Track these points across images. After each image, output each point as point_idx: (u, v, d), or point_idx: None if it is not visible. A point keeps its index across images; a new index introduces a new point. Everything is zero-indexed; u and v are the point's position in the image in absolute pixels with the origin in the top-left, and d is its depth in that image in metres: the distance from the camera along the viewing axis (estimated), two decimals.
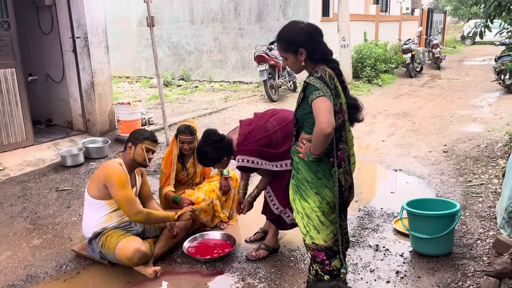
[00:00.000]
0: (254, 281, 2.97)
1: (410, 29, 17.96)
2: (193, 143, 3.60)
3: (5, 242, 3.57)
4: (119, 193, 3.00)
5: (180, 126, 3.64)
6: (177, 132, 3.63)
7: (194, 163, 3.78)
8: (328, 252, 2.33)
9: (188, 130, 3.58)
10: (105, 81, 6.23)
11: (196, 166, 3.80)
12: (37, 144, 5.75)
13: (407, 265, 3.09)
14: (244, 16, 11.37)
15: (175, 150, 3.66)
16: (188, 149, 3.61)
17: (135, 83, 12.79)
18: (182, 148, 3.62)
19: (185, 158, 3.76)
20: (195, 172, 3.81)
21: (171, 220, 3.21)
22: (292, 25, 2.21)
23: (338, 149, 2.16)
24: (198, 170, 3.83)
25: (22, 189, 4.61)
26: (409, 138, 6.43)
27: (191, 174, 3.79)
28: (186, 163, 3.76)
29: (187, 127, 3.59)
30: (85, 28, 5.88)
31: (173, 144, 3.68)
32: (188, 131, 3.58)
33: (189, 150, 3.63)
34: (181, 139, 3.59)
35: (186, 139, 3.57)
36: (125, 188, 3.02)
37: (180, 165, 3.73)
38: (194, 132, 3.61)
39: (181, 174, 3.75)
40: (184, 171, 3.75)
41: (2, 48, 5.24)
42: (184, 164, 3.75)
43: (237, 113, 8.00)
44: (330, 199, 2.24)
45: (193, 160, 3.77)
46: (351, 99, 2.27)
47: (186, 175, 3.77)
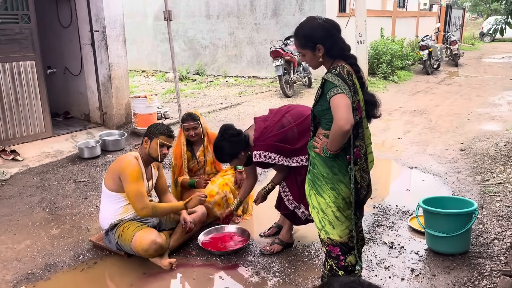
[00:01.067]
0: (268, 275, 2.99)
1: (428, 25, 17.69)
2: (198, 128, 3.75)
3: (24, 232, 3.65)
4: (130, 186, 3.03)
5: (183, 115, 3.81)
6: (181, 122, 3.79)
7: (204, 151, 3.86)
8: (343, 248, 2.33)
9: (190, 116, 3.74)
10: (122, 75, 6.29)
11: (206, 155, 3.87)
12: (55, 136, 5.85)
13: (422, 263, 3.07)
14: (260, 11, 11.35)
15: (183, 140, 3.80)
16: (194, 135, 3.73)
17: (150, 77, 12.89)
18: (188, 135, 3.74)
19: (194, 147, 3.86)
20: (206, 160, 3.88)
21: (179, 209, 3.23)
22: (310, 21, 2.20)
23: (354, 146, 2.16)
24: (209, 158, 3.89)
25: (41, 180, 4.69)
26: (425, 135, 6.36)
27: (202, 162, 3.87)
28: (195, 152, 3.85)
29: (189, 114, 3.76)
30: (103, 22, 5.94)
31: (180, 136, 3.83)
32: (191, 118, 3.73)
33: (196, 136, 3.75)
34: (185, 127, 3.73)
35: (190, 125, 3.71)
36: (136, 182, 3.05)
37: (190, 153, 3.83)
38: (196, 118, 3.75)
39: (192, 163, 3.84)
40: (194, 159, 3.85)
41: (22, 41, 5.33)
42: (193, 153, 3.85)
43: (251, 108, 8.01)
44: (346, 194, 2.24)
45: (202, 149, 3.86)
46: (368, 95, 2.26)
47: (197, 163, 3.86)
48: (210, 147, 3.83)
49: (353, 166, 2.15)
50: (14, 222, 3.80)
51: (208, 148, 3.85)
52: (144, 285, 2.92)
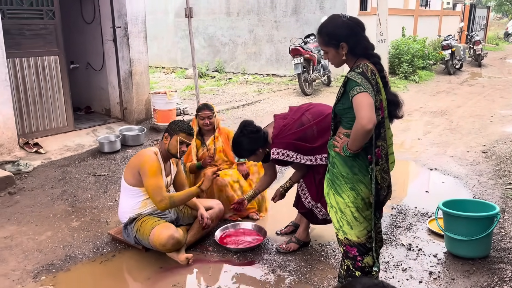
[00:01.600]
0: (284, 273, 2.99)
1: (451, 24, 17.37)
2: (212, 118, 3.90)
3: (46, 223, 3.73)
4: (149, 181, 3.06)
5: (199, 105, 3.98)
6: (197, 111, 3.94)
7: (214, 140, 3.94)
8: (361, 248, 2.31)
9: (206, 106, 3.92)
10: (142, 71, 6.36)
11: (216, 144, 3.94)
12: (76, 130, 5.95)
13: (441, 266, 3.03)
14: (280, 9, 11.32)
15: (195, 127, 3.91)
16: (208, 123, 3.88)
17: (170, 74, 12.99)
18: (203, 124, 3.88)
19: (205, 136, 3.98)
20: (215, 149, 3.93)
21: (195, 193, 3.20)
22: (334, 19, 2.19)
23: (376, 146, 2.13)
24: (218, 147, 3.94)
25: (62, 173, 4.78)
26: (446, 137, 6.26)
27: (211, 150, 3.94)
28: (205, 140, 3.96)
29: (205, 104, 3.96)
30: (125, 18, 6.02)
31: (193, 124, 3.95)
32: (206, 107, 3.90)
33: (210, 125, 3.89)
34: (201, 115, 3.88)
35: (206, 114, 3.87)
36: (155, 176, 3.08)
37: (200, 141, 3.94)
38: (211, 108, 3.93)
39: (201, 150, 3.92)
40: (204, 147, 3.92)
41: (47, 36, 5.43)
42: (203, 141, 3.95)
43: (270, 106, 8.00)
44: (365, 195, 2.23)
45: (213, 138, 3.95)
46: (391, 95, 2.23)
47: (207, 151, 3.92)
48: (221, 137, 3.97)
49: (374, 166, 2.13)
50: (36, 214, 3.89)
51: (218, 138, 3.96)
52: (161, 279, 2.95)
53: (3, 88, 4.76)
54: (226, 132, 4.01)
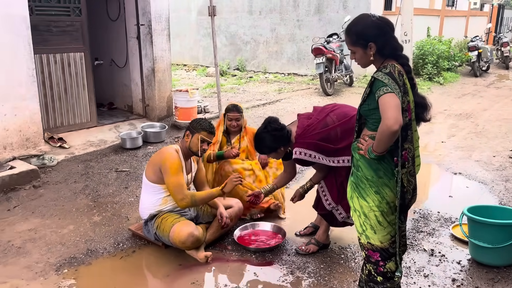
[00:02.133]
0: (303, 275, 2.96)
1: (478, 25, 16.96)
2: (240, 120, 3.90)
3: (68, 217, 3.79)
4: (170, 179, 3.08)
5: (228, 105, 3.94)
6: (225, 111, 3.91)
7: (240, 140, 3.94)
8: (384, 254, 2.27)
9: (235, 107, 3.89)
10: (165, 68, 6.41)
11: (241, 143, 3.94)
12: (99, 126, 6.04)
13: (465, 273, 2.95)
14: (303, 8, 11.25)
15: (222, 126, 3.94)
16: (235, 125, 3.88)
17: (191, 71, 13.07)
18: (230, 125, 3.88)
19: (231, 135, 3.98)
20: (240, 147, 3.93)
21: (217, 194, 3.21)
22: (363, 18, 2.15)
23: (403, 148, 2.09)
24: (243, 146, 3.93)
25: (85, 168, 4.86)
26: (471, 140, 6.12)
27: (236, 148, 3.91)
28: (231, 139, 3.97)
29: (235, 105, 3.91)
30: (149, 15, 6.07)
31: (221, 122, 3.98)
32: (235, 109, 3.88)
33: (237, 127, 3.89)
34: (229, 117, 3.87)
35: (234, 116, 3.85)
36: (176, 174, 3.09)
37: (225, 139, 3.94)
38: (240, 110, 3.90)
39: (226, 147, 3.91)
40: (229, 145, 3.93)
41: (73, 33, 5.52)
42: (229, 139, 3.96)
43: (290, 105, 7.97)
44: (391, 199, 2.18)
45: (238, 137, 3.95)
46: (419, 97, 2.18)
47: (231, 149, 3.87)
48: (247, 137, 3.96)
49: (400, 169, 2.09)
50: (59, 207, 3.96)
51: (244, 138, 3.95)
52: (180, 277, 2.97)
53: (30, 83, 4.86)
54: (252, 133, 3.93)
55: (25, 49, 4.77)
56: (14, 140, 4.82)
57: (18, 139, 4.86)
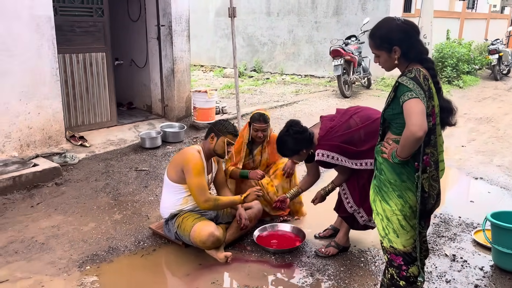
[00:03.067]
0: (323, 277, 2.96)
1: (499, 28, 16.70)
2: (266, 131, 3.71)
3: (90, 214, 3.85)
4: (193, 180, 3.11)
5: (255, 114, 3.72)
6: (251, 120, 3.71)
7: (261, 151, 3.85)
8: (406, 258, 2.26)
9: (262, 118, 3.67)
10: (184, 69, 6.47)
11: (262, 155, 3.86)
12: (119, 125, 6.12)
13: (487, 279, 2.92)
14: (321, 9, 11.22)
15: (246, 136, 3.76)
16: (262, 136, 3.70)
17: (208, 72, 13.14)
18: (256, 136, 3.70)
19: (254, 146, 3.85)
20: (261, 160, 3.87)
21: (238, 202, 3.28)
22: (388, 22, 2.14)
23: (424, 153, 2.07)
24: (264, 159, 3.87)
25: (106, 166, 4.93)
26: (492, 145, 6.03)
27: (257, 161, 3.86)
28: (254, 150, 3.85)
29: (262, 115, 3.68)
30: (170, 17, 6.13)
31: (245, 130, 3.79)
32: (262, 119, 3.67)
33: (263, 137, 3.72)
34: (255, 127, 3.68)
35: (261, 127, 3.67)
36: (199, 176, 3.12)
37: (248, 150, 3.82)
38: (267, 120, 3.70)
39: (247, 159, 3.83)
40: (251, 157, 3.84)
41: (95, 33, 5.61)
42: (251, 151, 3.85)
43: (308, 107, 7.95)
44: (413, 203, 2.17)
45: (261, 149, 3.85)
46: (444, 102, 2.17)
47: (252, 162, 3.85)
48: (268, 148, 3.85)
49: (420, 174, 2.07)
50: (81, 205, 4.03)
51: (266, 149, 3.85)
52: (200, 276, 2.99)
53: (54, 82, 4.95)
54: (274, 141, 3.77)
55: (50, 49, 4.87)
56: (37, 138, 4.92)
57: (41, 137, 4.95)
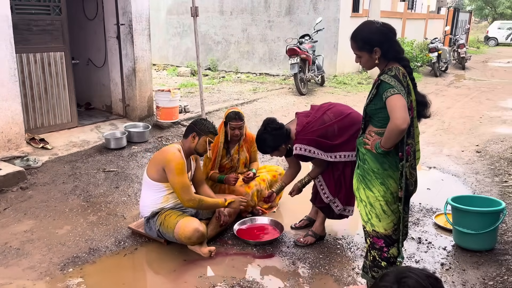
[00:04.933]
0: (305, 265, 3.13)
1: (436, 27, 17.83)
2: (242, 128, 3.80)
3: (63, 217, 3.78)
4: (176, 179, 3.16)
5: (230, 113, 3.79)
6: (227, 119, 3.78)
7: (239, 150, 3.94)
8: (387, 240, 2.47)
9: (237, 116, 3.75)
10: (145, 68, 6.42)
11: (240, 154, 3.96)
12: (80, 126, 5.97)
13: (451, 258, 3.22)
14: (274, 9, 11.45)
15: (222, 137, 3.82)
16: (238, 134, 3.78)
17: (162, 71, 12.98)
18: (233, 134, 3.78)
19: (230, 145, 3.92)
20: (239, 159, 3.97)
21: (221, 206, 3.39)
22: (368, 25, 2.33)
23: (406, 144, 2.29)
24: (242, 158, 3.98)
25: (72, 168, 4.81)
26: (440, 137, 6.51)
27: (235, 160, 3.95)
28: (231, 149, 3.93)
29: (237, 113, 3.76)
30: (130, 15, 6.05)
31: (220, 131, 3.83)
32: (238, 117, 3.75)
33: (240, 135, 3.81)
34: (231, 125, 3.75)
35: (237, 125, 3.75)
36: (182, 174, 3.19)
37: (225, 150, 3.90)
38: (243, 118, 3.79)
39: (225, 160, 3.91)
40: (228, 156, 3.92)
41: (53, 32, 5.44)
42: (228, 150, 3.92)
43: (267, 104, 8.13)
44: (394, 189, 2.38)
45: (237, 147, 3.93)
46: (420, 96, 2.40)
47: (230, 161, 3.94)
48: (245, 146, 3.96)
49: (404, 163, 2.29)
50: (52, 208, 3.93)
51: (243, 147, 3.95)
52: (186, 271, 3.06)
53: (12, 83, 4.76)
54: (250, 139, 3.94)
55: (7, 49, 4.67)
56: None
57: (0, 141, 4.75)
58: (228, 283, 2.90)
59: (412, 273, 1.27)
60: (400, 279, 1.25)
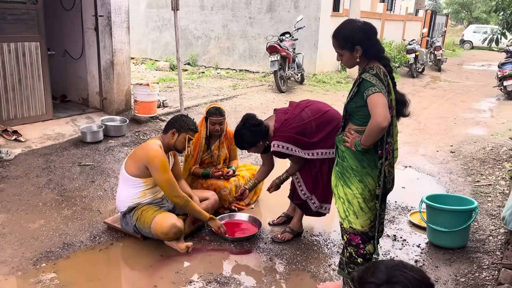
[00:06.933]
0: (282, 261, 3.14)
1: (413, 29, 18.14)
2: (223, 124, 3.80)
3: (36, 211, 3.69)
4: (162, 176, 3.12)
5: (210, 108, 3.79)
6: (208, 115, 3.78)
7: (219, 146, 3.93)
8: (364, 237, 2.50)
9: (218, 111, 3.76)
10: (124, 61, 6.31)
11: (220, 150, 3.95)
12: (55, 119, 5.83)
13: (425, 255, 3.29)
14: (255, 5, 11.43)
15: (203, 131, 3.82)
16: (219, 129, 3.78)
17: (140, 65, 12.80)
18: (214, 129, 3.78)
19: (211, 140, 3.92)
20: (219, 156, 3.96)
21: (203, 219, 3.32)
22: (350, 23, 2.35)
23: (386, 142, 2.32)
24: (222, 154, 3.98)
25: (46, 162, 4.70)
26: (416, 136, 6.63)
27: (215, 156, 3.95)
28: (211, 145, 3.92)
29: (217, 109, 3.77)
30: (109, 7, 5.94)
31: (201, 126, 3.82)
32: (218, 112, 3.76)
33: (220, 131, 3.81)
34: (212, 121, 3.76)
35: (218, 120, 3.75)
36: (167, 172, 3.15)
37: (206, 145, 3.89)
38: (223, 113, 3.79)
39: (205, 155, 3.91)
40: (209, 152, 3.92)
41: (29, 21, 5.29)
42: (209, 146, 3.91)
43: (247, 101, 8.12)
44: (372, 187, 2.41)
45: (218, 144, 3.92)
46: (399, 95, 2.43)
47: (210, 157, 3.93)
48: (226, 143, 3.95)
49: (384, 161, 2.32)
50: (24, 202, 3.83)
51: (223, 144, 3.94)
52: (162, 267, 3.03)
53: None
54: (230, 136, 3.92)
55: None
56: None
57: None
58: (205, 278, 2.89)
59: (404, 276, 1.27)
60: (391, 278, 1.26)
